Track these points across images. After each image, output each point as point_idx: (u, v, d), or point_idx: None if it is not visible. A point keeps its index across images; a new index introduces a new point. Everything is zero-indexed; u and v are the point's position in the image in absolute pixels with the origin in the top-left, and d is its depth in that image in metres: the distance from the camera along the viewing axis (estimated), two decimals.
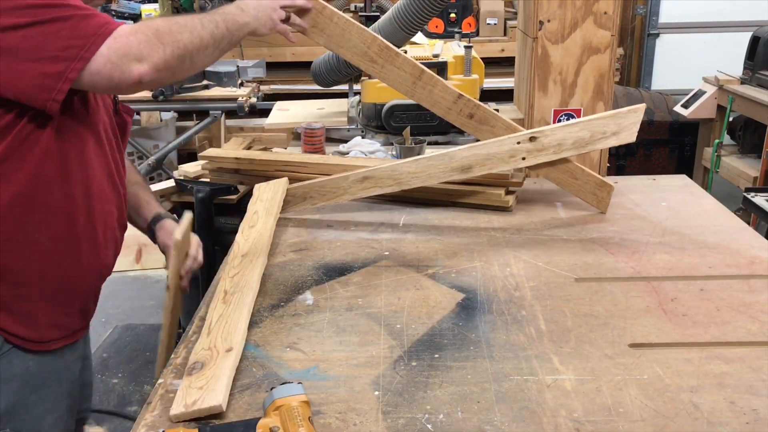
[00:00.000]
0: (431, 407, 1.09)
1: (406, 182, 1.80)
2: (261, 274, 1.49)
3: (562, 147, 1.76)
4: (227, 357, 1.18)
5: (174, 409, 1.07)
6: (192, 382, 1.12)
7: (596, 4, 2.06)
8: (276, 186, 1.89)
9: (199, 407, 1.06)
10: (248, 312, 1.34)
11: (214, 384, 1.11)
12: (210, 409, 1.06)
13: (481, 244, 1.71)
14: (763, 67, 3.65)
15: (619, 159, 4.31)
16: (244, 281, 1.44)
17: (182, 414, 1.06)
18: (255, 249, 1.59)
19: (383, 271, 1.57)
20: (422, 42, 2.84)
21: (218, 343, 1.22)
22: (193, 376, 1.14)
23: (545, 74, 2.15)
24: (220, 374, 1.13)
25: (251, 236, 1.66)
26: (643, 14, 5.76)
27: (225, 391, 1.10)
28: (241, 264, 1.52)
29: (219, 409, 1.06)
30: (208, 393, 1.09)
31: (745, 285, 1.48)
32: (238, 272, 1.48)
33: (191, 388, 1.11)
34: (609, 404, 1.09)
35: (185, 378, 1.14)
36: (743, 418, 1.06)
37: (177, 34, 1.23)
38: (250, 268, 1.49)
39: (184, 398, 1.09)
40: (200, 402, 1.07)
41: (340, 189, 1.84)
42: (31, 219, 1.22)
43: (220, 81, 3.91)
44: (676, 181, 2.20)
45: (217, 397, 1.08)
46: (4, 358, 1.25)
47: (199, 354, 1.20)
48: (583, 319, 1.35)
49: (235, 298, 1.37)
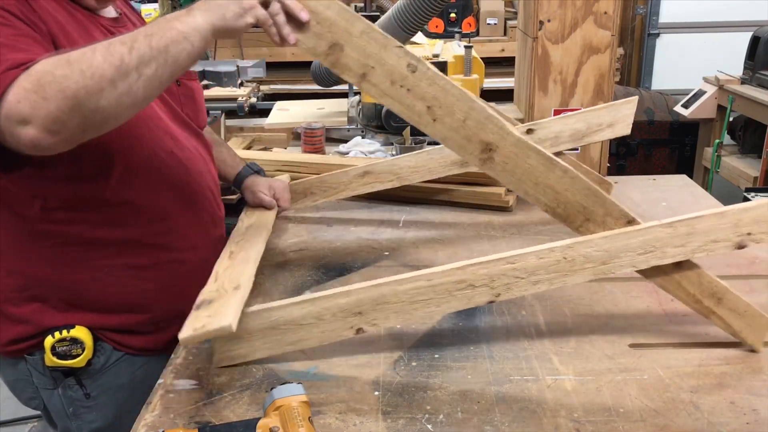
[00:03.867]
0: (431, 407, 1.09)
1: (406, 177, 1.81)
2: (266, 239, 1.51)
3: (559, 139, 1.78)
4: (235, 294, 1.18)
5: (183, 333, 1.06)
6: (201, 314, 1.12)
7: (596, 4, 2.06)
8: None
9: (209, 329, 1.06)
10: (254, 263, 1.34)
11: (223, 310, 1.11)
12: (219, 329, 1.06)
13: (481, 244, 1.71)
14: (763, 67, 3.65)
15: (619, 159, 4.31)
16: (249, 244, 1.46)
17: (191, 337, 1.06)
18: (259, 222, 1.61)
19: (383, 271, 1.57)
20: (422, 42, 2.84)
21: (226, 284, 1.22)
22: (201, 310, 1.13)
23: (545, 74, 2.15)
24: (228, 304, 1.13)
25: (255, 213, 1.68)
26: (643, 14, 5.76)
27: (234, 315, 1.09)
28: (245, 233, 1.54)
29: (229, 330, 1.06)
30: (217, 317, 1.09)
31: (745, 285, 1.48)
32: (242, 239, 1.51)
33: (200, 317, 1.10)
34: (609, 404, 1.09)
35: (193, 312, 1.13)
36: (743, 418, 1.06)
37: (62, 80, 0.94)
38: (255, 234, 1.52)
39: (193, 324, 1.08)
40: (209, 325, 1.07)
41: (341, 184, 1.85)
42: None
43: (219, 81, 3.90)
44: (676, 181, 2.20)
45: (228, 319, 1.07)
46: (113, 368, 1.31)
47: (207, 294, 1.19)
48: (583, 319, 1.35)
49: (240, 255, 1.38)
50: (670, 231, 1.14)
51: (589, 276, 1.16)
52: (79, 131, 0.99)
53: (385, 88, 1.13)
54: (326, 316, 1.16)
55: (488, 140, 1.13)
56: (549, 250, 1.14)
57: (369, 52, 1.11)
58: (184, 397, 1.12)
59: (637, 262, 1.16)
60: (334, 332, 1.17)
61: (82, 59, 0.96)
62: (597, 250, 1.14)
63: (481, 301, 1.16)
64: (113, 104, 0.98)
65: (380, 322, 1.16)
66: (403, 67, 1.12)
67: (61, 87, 0.94)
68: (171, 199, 1.33)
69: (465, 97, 1.12)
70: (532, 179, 1.16)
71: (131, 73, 0.98)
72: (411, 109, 1.14)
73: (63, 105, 0.94)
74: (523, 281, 1.15)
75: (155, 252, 1.32)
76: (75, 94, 0.94)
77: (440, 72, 1.12)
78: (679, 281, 1.19)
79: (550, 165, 1.15)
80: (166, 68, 1.02)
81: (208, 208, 1.43)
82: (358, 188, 1.84)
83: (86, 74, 0.95)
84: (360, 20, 1.10)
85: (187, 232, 1.37)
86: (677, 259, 1.16)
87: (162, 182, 1.30)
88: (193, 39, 1.04)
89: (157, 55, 1.00)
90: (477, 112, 1.12)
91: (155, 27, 1.03)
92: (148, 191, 1.28)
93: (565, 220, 1.19)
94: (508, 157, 1.14)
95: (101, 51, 0.98)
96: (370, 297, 1.15)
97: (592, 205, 1.16)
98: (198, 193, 1.39)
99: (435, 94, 1.12)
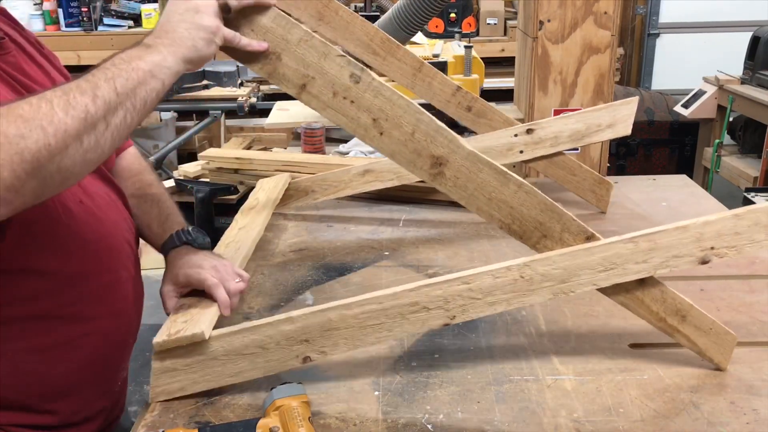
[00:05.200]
0: (431, 407, 1.09)
1: (407, 176, 1.81)
2: (260, 233, 1.51)
3: (558, 140, 1.78)
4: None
5: (157, 338, 1.07)
6: (177, 318, 1.13)
7: (596, 3, 2.06)
8: (278, 179, 1.93)
9: (182, 335, 1.07)
10: (243, 260, 1.34)
11: (198, 317, 1.11)
12: (192, 336, 1.06)
13: (481, 244, 1.71)
14: (763, 67, 3.65)
15: (619, 159, 4.31)
16: (239, 245, 1.47)
17: (164, 342, 1.07)
18: (254, 222, 1.62)
19: (383, 272, 1.57)
20: (422, 42, 2.84)
21: None
22: (179, 314, 1.14)
23: (545, 74, 2.15)
24: (205, 310, 1.14)
25: (251, 214, 1.69)
26: (643, 14, 5.76)
27: (209, 323, 1.10)
28: (237, 235, 1.55)
29: (201, 337, 1.06)
30: (192, 324, 1.09)
31: (745, 285, 1.48)
32: (233, 240, 1.52)
33: (176, 322, 1.11)
34: (609, 404, 1.09)
35: (171, 317, 1.14)
36: (743, 418, 1.06)
37: (18, 140, 0.78)
38: (248, 231, 1.52)
39: (168, 329, 1.09)
40: (183, 331, 1.07)
41: (342, 183, 1.85)
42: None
43: (219, 81, 3.91)
44: (676, 181, 2.19)
45: (200, 326, 1.08)
46: None
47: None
48: (583, 319, 1.35)
49: (227, 255, 1.38)
50: (632, 247, 1.07)
51: (548, 295, 1.09)
52: (32, 198, 0.83)
53: (327, 99, 1.05)
54: (270, 345, 1.08)
55: (438, 154, 1.06)
56: (505, 269, 1.07)
57: (308, 62, 1.03)
58: (184, 397, 1.12)
59: (598, 280, 1.09)
60: (279, 362, 1.09)
61: (38, 114, 0.80)
62: (555, 268, 1.08)
63: (435, 324, 1.09)
64: (78, 162, 0.84)
65: (329, 349, 1.09)
66: (345, 77, 1.04)
67: (17, 149, 0.78)
68: (83, 259, 1.08)
69: (412, 108, 1.05)
70: (485, 194, 1.08)
71: (98, 125, 0.85)
72: (356, 122, 1.06)
73: (19, 170, 0.78)
74: (479, 302, 1.08)
75: (67, 326, 1.07)
76: (35, 156, 0.79)
77: (385, 83, 1.05)
78: (642, 299, 1.13)
79: (503, 179, 1.07)
80: (135, 114, 0.90)
81: (127, 264, 1.18)
82: (358, 187, 1.85)
83: (48, 132, 0.80)
84: (297, 27, 1.03)
85: (106, 296, 1.12)
86: (640, 275, 1.09)
87: (70, 239, 1.06)
88: (163, 76, 0.93)
89: (124, 100, 0.88)
90: (426, 125, 1.05)
91: (113, 69, 0.89)
92: (54, 252, 1.04)
93: (521, 237, 1.11)
94: (460, 172, 1.06)
95: (59, 103, 0.82)
96: (317, 323, 1.08)
97: (549, 221, 1.09)
98: (114, 248, 1.14)
99: (381, 105, 1.04)
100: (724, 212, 1.08)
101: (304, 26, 1.03)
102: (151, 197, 1.30)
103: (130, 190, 1.29)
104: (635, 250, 1.08)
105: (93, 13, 4.99)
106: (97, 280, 1.10)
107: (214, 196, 2.25)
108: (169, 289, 1.18)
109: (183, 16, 0.97)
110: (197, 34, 0.96)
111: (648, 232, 1.07)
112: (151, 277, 3.46)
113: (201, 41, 0.97)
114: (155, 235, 1.27)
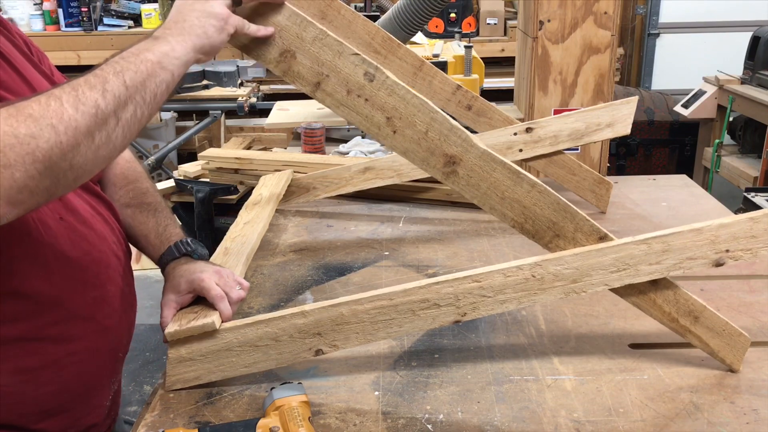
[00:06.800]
0: (431, 407, 1.09)
1: (407, 174, 1.82)
2: (265, 227, 1.52)
3: (558, 138, 1.78)
4: None
5: (169, 328, 1.10)
6: (187, 311, 1.15)
7: (596, 3, 2.06)
8: (280, 176, 1.94)
9: (193, 325, 1.09)
10: (246, 259, 1.35)
11: (206, 312, 1.13)
12: (203, 326, 1.09)
13: (481, 244, 1.71)
14: (763, 67, 3.65)
15: (619, 159, 4.31)
16: (245, 239, 1.47)
17: (176, 332, 1.09)
18: (257, 219, 1.63)
19: (383, 271, 1.57)
20: (422, 42, 2.84)
21: None
22: (188, 307, 1.16)
23: (545, 74, 2.15)
24: (210, 310, 1.15)
25: (254, 210, 1.69)
26: (643, 14, 5.76)
27: (217, 316, 1.12)
28: (242, 229, 1.56)
29: (212, 326, 1.09)
30: (203, 315, 1.11)
31: (745, 285, 1.48)
32: (239, 235, 1.52)
33: (186, 314, 1.13)
34: (609, 404, 1.09)
35: (179, 312, 1.16)
36: (743, 418, 1.06)
37: (29, 140, 0.77)
38: (253, 226, 1.53)
39: (179, 320, 1.11)
40: (194, 321, 1.10)
41: (343, 180, 1.86)
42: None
43: (219, 81, 3.91)
44: (676, 181, 2.19)
45: (212, 317, 1.10)
46: None
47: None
48: (583, 319, 1.35)
49: (234, 249, 1.39)
50: (645, 248, 1.07)
51: (559, 294, 1.09)
52: (45, 197, 0.82)
53: (341, 97, 1.06)
54: (283, 338, 1.10)
55: (451, 153, 1.06)
56: (517, 267, 1.08)
57: (323, 60, 1.04)
58: (184, 397, 1.12)
59: (610, 281, 1.09)
60: (292, 354, 1.11)
61: (47, 112, 0.79)
62: (567, 267, 1.08)
63: (446, 321, 1.09)
64: (90, 159, 0.83)
65: (340, 343, 1.10)
66: (359, 75, 1.04)
67: (29, 149, 0.76)
68: (66, 277, 1.02)
69: (426, 107, 1.05)
70: (498, 193, 1.08)
71: (109, 120, 0.84)
72: (369, 120, 1.06)
73: (32, 170, 0.77)
74: (489, 300, 1.08)
75: (52, 347, 1.02)
76: (47, 155, 0.78)
77: (400, 81, 1.05)
78: (655, 299, 1.12)
79: (517, 178, 1.07)
80: (146, 107, 0.89)
81: (114, 277, 1.12)
82: (359, 184, 1.86)
83: (58, 129, 0.79)
84: (312, 25, 1.03)
85: (92, 313, 1.07)
86: (652, 277, 1.09)
87: (52, 258, 1.00)
88: (172, 67, 0.91)
89: (134, 94, 0.87)
90: (439, 124, 1.05)
91: (122, 63, 0.88)
92: (34, 274, 0.99)
93: (533, 237, 1.11)
94: (473, 171, 1.07)
95: (68, 99, 0.81)
96: (329, 317, 1.09)
97: (562, 221, 1.09)
98: (101, 262, 1.09)
99: (395, 104, 1.05)
100: (740, 215, 1.09)
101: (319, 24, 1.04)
102: (147, 207, 1.26)
103: (125, 200, 1.26)
104: (648, 252, 1.08)
105: (93, 13, 4.99)
106: (82, 297, 1.05)
107: (214, 196, 2.25)
108: (170, 298, 1.16)
109: (193, 6, 0.97)
110: (208, 21, 0.96)
111: (661, 234, 1.07)
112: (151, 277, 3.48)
113: (212, 28, 0.97)
114: (152, 246, 1.24)
